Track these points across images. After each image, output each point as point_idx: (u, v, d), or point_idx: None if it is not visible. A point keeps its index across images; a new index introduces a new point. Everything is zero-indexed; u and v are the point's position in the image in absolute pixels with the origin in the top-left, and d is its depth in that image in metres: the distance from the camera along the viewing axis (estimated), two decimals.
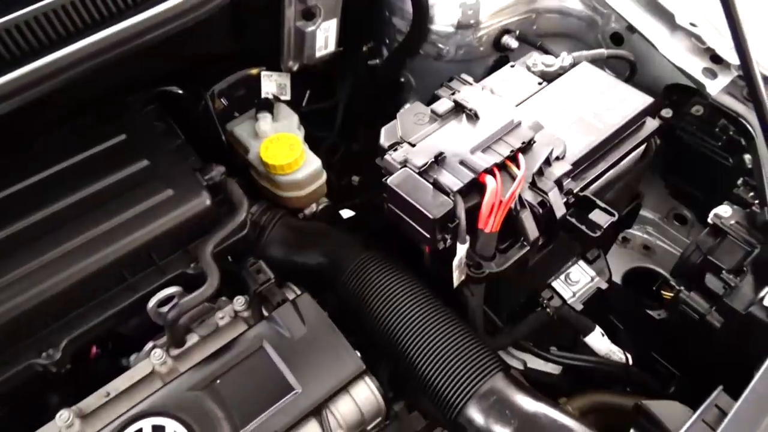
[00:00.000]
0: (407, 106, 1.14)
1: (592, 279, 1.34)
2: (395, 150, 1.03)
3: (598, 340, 1.21)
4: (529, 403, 0.91)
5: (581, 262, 1.34)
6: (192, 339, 0.99)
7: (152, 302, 0.93)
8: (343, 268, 1.07)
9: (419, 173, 0.98)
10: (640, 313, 1.37)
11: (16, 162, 0.97)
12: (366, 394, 0.98)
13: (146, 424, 0.87)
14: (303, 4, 1.30)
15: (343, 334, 0.97)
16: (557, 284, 1.32)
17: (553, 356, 1.21)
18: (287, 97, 1.48)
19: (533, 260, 1.05)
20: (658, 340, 1.32)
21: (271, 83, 1.43)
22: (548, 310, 1.21)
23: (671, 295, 1.18)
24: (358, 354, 0.96)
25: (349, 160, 1.68)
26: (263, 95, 1.43)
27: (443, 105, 1.08)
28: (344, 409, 0.96)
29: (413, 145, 1.03)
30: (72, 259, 0.90)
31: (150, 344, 1.00)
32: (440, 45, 1.40)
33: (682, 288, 1.15)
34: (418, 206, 0.94)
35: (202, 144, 1.19)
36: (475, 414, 0.93)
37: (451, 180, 0.96)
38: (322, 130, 1.55)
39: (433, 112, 1.09)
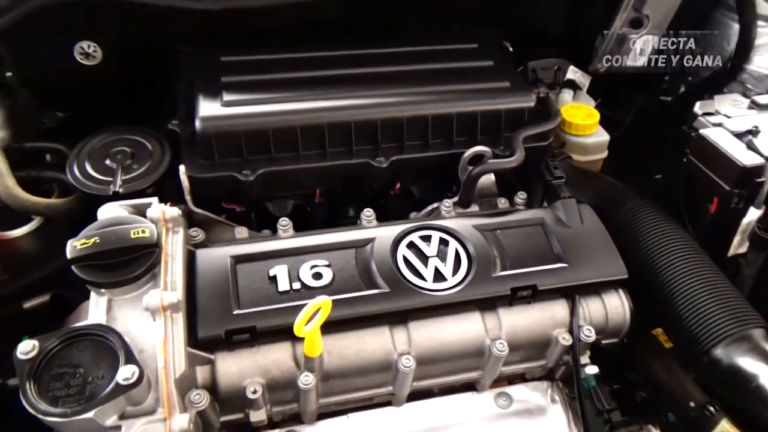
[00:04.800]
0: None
1: None
2: (710, 116, 1.12)
3: None
4: None
5: None
6: (474, 208, 1.15)
7: (468, 153, 1.11)
8: (619, 206, 1.15)
9: (733, 135, 1.05)
10: None
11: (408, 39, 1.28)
12: (616, 303, 1.03)
13: (435, 234, 1.02)
14: (636, 13, 1.48)
15: None
16: None
17: None
18: None
19: None
20: None
21: (574, 78, 1.61)
22: None
23: None
24: None
25: None
26: None
27: (766, 99, 1.15)
28: (594, 307, 1.02)
29: (729, 117, 1.11)
30: (426, 101, 1.13)
31: (434, 204, 1.17)
32: (749, 85, 1.46)
33: None
34: (729, 154, 1.01)
35: None
36: (726, 354, 0.92)
37: (765, 147, 1.02)
38: None
39: (753, 102, 1.16)
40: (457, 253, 1.00)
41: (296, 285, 0.92)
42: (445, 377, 0.99)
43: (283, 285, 0.92)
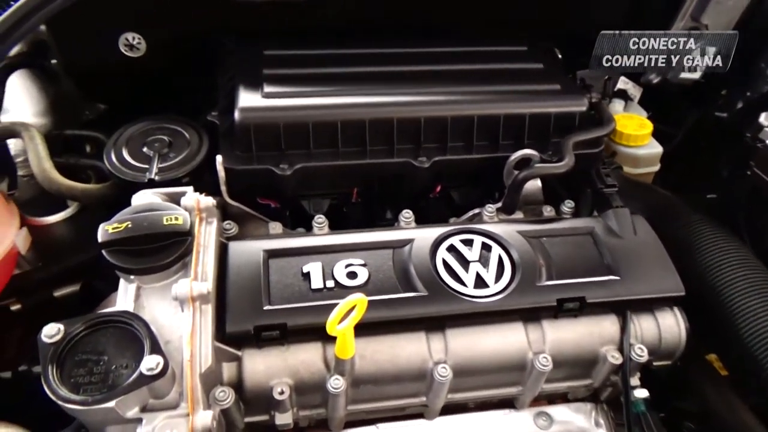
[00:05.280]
0: None
1: None
2: None
3: None
4: None
5: None
6: (518, 215, 1.09)
7: (515, 156, 1.05)
8: (674, 220, 1.08)
9: None
10: None
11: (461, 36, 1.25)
12: (671, 322, 0.95)
13: (478, 239, 0.96)
14: (695, 22, 1.41)
15: None
16: None
17: None
18: None
19: None
20: None
21: (625, 88, 1.55)
22: None
23: None
24: None
25: None
26: None
27: None
28: (646, 325, 0.95)
29: None
30: (472, 101, 1.09)
31: (476, 210, 1.11)
32: None
33: None
34: None
35: None
36: None
37: None
38: None
39: None
40: (500, 259, 0.94)
41: (330, 283, 0.88)
42: (483, 391, 0.93)
43: (317, 282, 0.88)
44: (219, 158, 0.98)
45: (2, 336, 1.09)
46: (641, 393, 0.95)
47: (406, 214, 1.03)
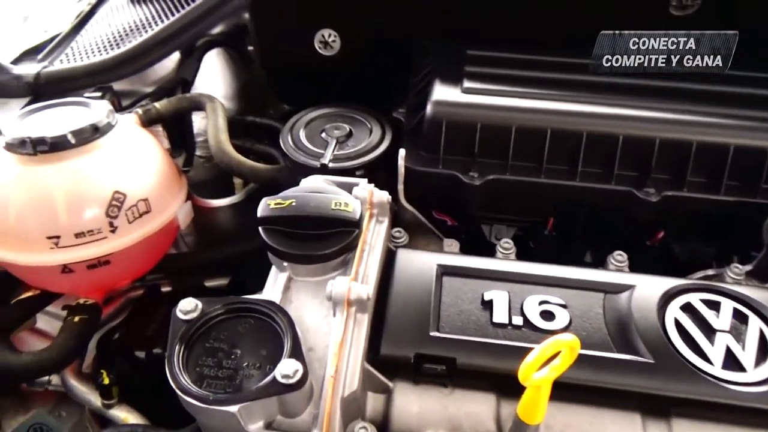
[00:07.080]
0: None
1: None
2: None
3: None
4: None
5: None
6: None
7: None
8: None
9: None
10: None
11: None
12: None
13: (727, 302, 0.70)
14: None
15: None
16: None
17: None
18: None
19: None
20: None
21: None
22: None
23: None
24: None
25: None
26: None
27: None
28: None
29: None
30: (729, 126, 0.84)
31: (709, 270, 0.85)
32: None
33: None
34: None
35: None
36: None
37: None
38: None
39: None
40: (761, 336, 0.66)
41: (517, 320, 0.67)
42: None
43: (500, 315, 0.68)
44: (402, 152, 0.85)
45: (147, 315, 1.04)
46: None
47: (619, 257, 0.80)
